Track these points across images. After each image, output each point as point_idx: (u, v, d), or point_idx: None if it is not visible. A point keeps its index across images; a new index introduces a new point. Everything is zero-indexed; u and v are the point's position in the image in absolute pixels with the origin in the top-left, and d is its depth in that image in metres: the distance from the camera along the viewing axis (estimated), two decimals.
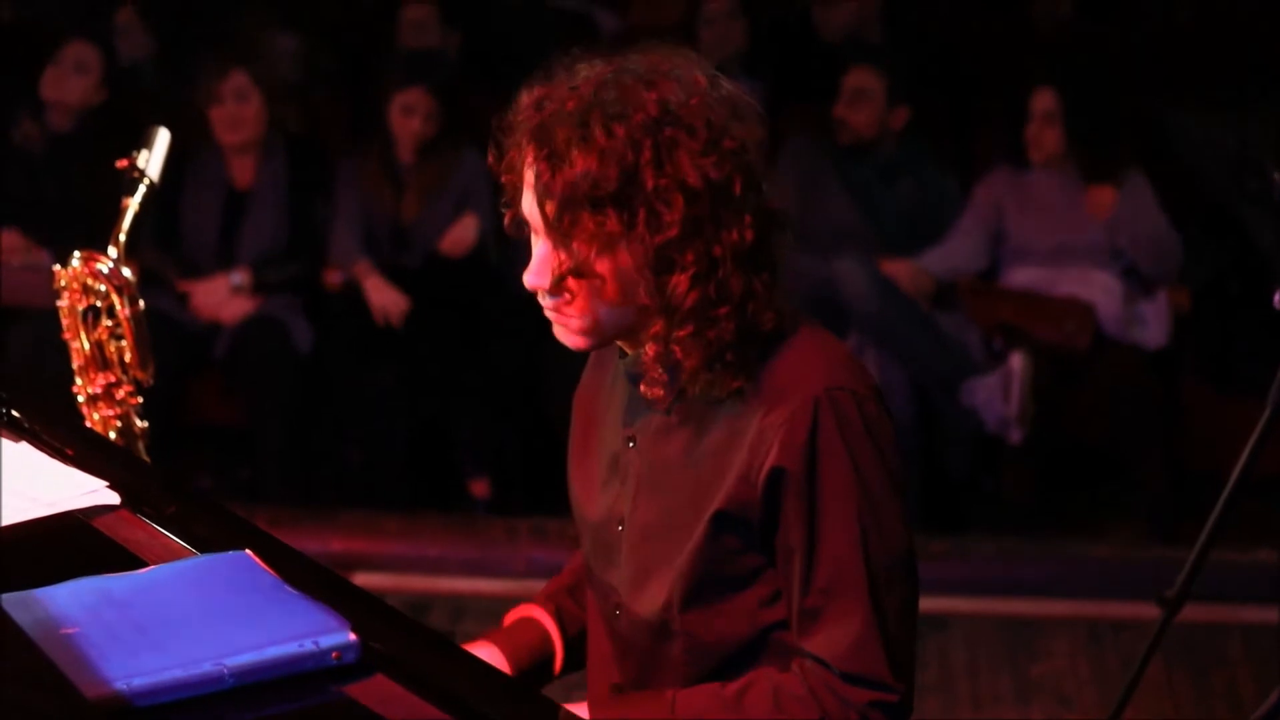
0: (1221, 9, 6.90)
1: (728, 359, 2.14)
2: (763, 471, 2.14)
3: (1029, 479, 5.77)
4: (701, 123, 2.09)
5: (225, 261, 6.02)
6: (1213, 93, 6.44)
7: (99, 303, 2.93)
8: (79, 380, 2.96)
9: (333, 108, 6.94)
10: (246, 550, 2.08)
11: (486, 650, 2.47)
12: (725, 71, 2.22)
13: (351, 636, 1.90)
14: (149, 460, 2.93)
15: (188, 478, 5.65)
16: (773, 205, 2.16)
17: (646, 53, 2.16)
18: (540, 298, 2.20)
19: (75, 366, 2.96)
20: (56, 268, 2.95)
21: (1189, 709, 4.68)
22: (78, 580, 2.01)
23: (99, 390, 2.95)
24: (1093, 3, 6.93)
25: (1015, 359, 5.63)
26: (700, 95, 2.11)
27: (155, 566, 2.10)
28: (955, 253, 5.94)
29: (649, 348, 2.17)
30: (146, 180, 2.94)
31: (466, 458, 5.84)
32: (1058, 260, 5.85)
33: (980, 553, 5.47)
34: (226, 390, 6.00)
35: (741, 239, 2.11)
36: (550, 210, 2.10)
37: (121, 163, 2.94)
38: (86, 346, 2.94)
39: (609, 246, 2.10)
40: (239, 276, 5.96)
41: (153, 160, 2.95)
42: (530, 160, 2.13)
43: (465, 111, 5.89)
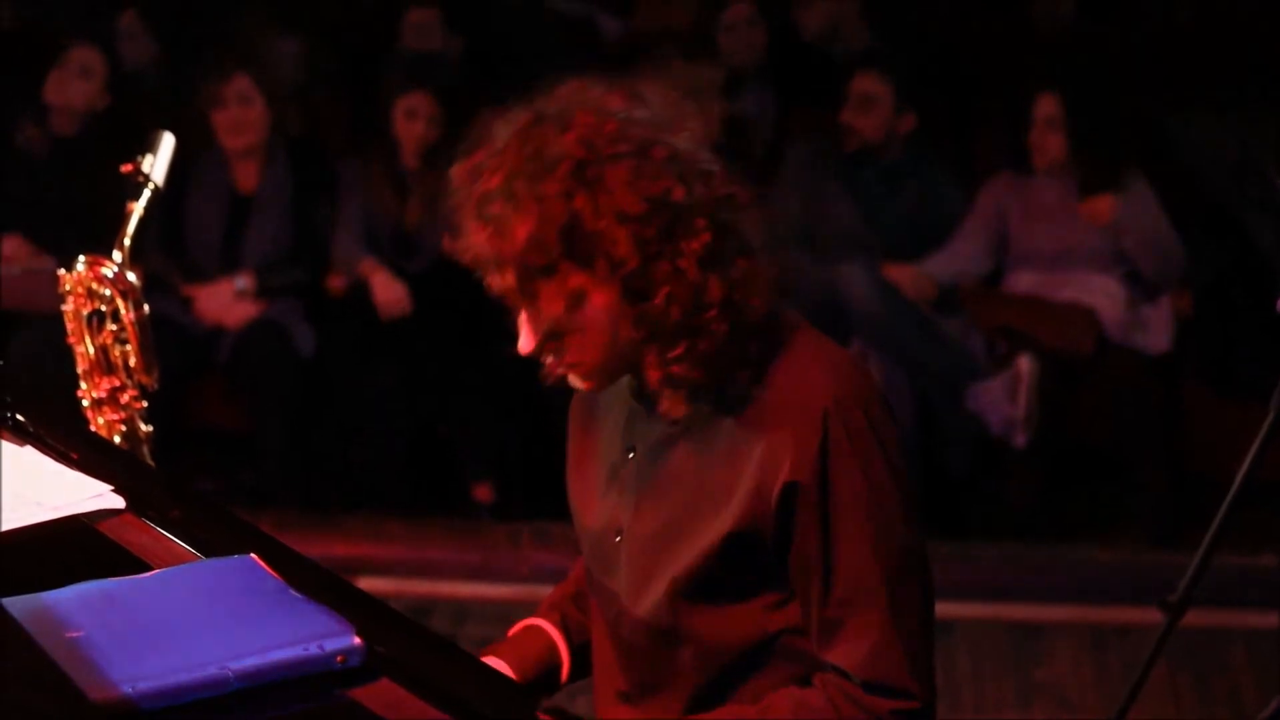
0: (1222, 11, 6.90)
1: (730, 355, 2.14)
2: (775, 488, 2.14)
3: (1032, 483, 5.77)
4: (624, 147, 2.09)
5: (229, 266, 6.02)
6: (1214, 95, 6.44)
7: (104, 307, 2.93)
8: (84, 384, 2.96)
9: (336, 112, 6.94)
10: (251, 554, 2.08)
11: (492, 663, 2.45)
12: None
13: (356, 640, 1.90)
14: (153, 464, 2.93)
15: (192, 482, 5.65)
16: (724, 190, 2.14)
17: (561, 89, 2.16)
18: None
19: (80, 371, 2.96)
20: (61, 272, 2.95)
21: (1192, 714, 4.67)
22: (82, 584, 2.00)
23: (104, 394, 2.95)
24: (1093, 5, 6.93)
25: (1023, 361, 5.63)
26: (616, 119, 2.10)
27: (160, 570, 2.10)
28: (958, 257, 5.95)
29: (650, 375, 2.18)
30: (151, 184, 2.94)
31: (469, 462, 5.83)
32: (1060, 265, 5.85)
33: (983, 557, 5.48)
34: (230, 394, 6.00)
35: (702, 242, 2.10)
36: (511, 282, 2.13)
37: (126, 167, 2.94)
38: (91, 351, 2.94)
39: (578, 299, 2.12)
40: (243, 281, 5.97)
41: (157, 164, 2.95)
42: (478, 238, 2.14)
43: (469, 115, 5.89)
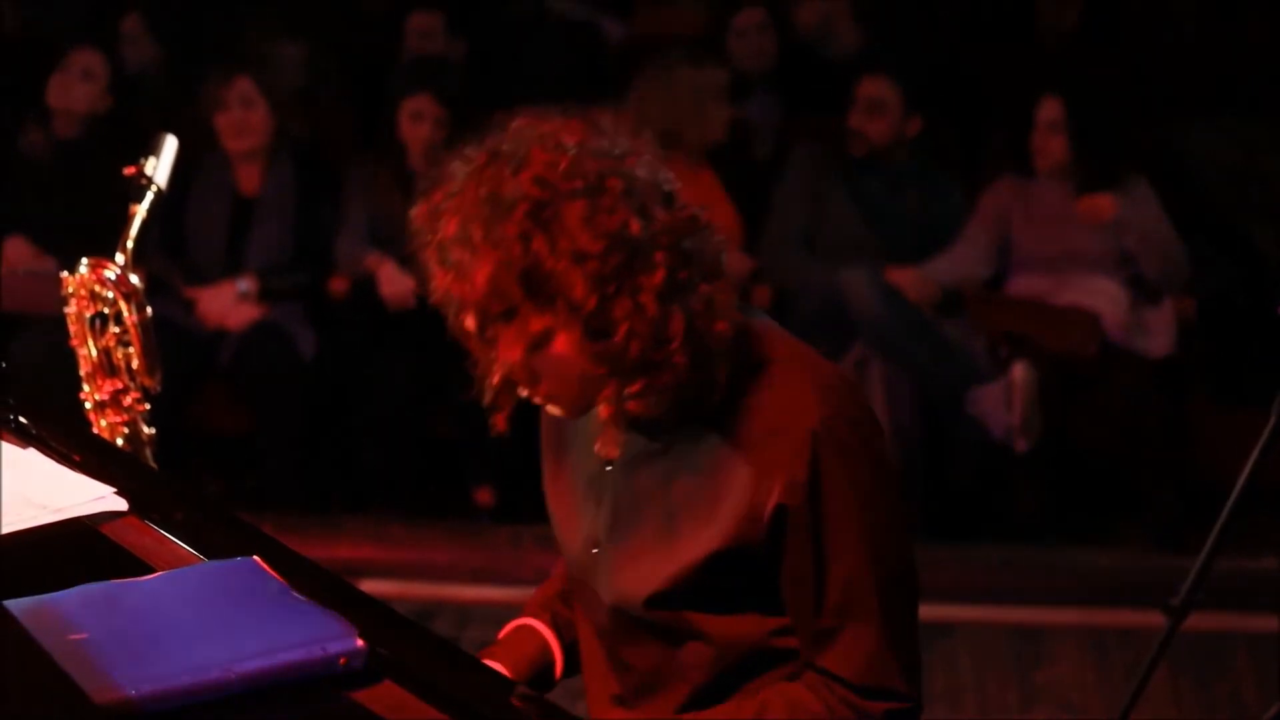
0: (1226, 19, 6.91)
1: (695, 383, 2.14)
2: (767, 511, 2.15)
3: (1034, 487, 5.77)
4: (580, 182, 2.06)
5: (232, 269, 6.03)
6: (1216, 101, 6.45)
7: (106, 310, 2.92)
8: (86, 387, 2.96)
9: (339, 115, 6.94)
10: (254, 556, 2.08)
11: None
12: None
13: (359, 643, 1.90)
14: (156, 466, 2.93)
15: (194, 484, 5.65)
16: (685, 214, 2.13)
17: (516, 123, 2.14)
18: None
19: (83, 373, 2.96)
20: (64, 274, 2.94)
21: (1193, 717, 4.68)
22: (85, 586, 2.01)
23: (106, 397, 2.95)
24: (1097, 13, 6.93)
25: (1017, 369, 5.63)
26: (569, 154, 2.08)
27: (163, 573, 2.10)
28: (961, 261, 5.94)
29: (601, 409, 2.17)
30: (154, 187, 2.94)
31: (470, 465, 5.84)
32: (1063, 269, 5.85)
33: (985, 560, 5.48)
34: (232, 397, 6.00)
35: (661, 275, 2.08)
36: (473, 327, 2.13)
37: (129, 170, 2.94)
38: (94, 353, 2.94)
39: (540, 341, 2.10)
40: (245, 283, 5.97)
41: (160, 167, 2.95)
42: (441, 283, 2.13)
43: (473, 117, 5.89)
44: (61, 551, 2.23)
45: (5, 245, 6.08)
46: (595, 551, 2.31)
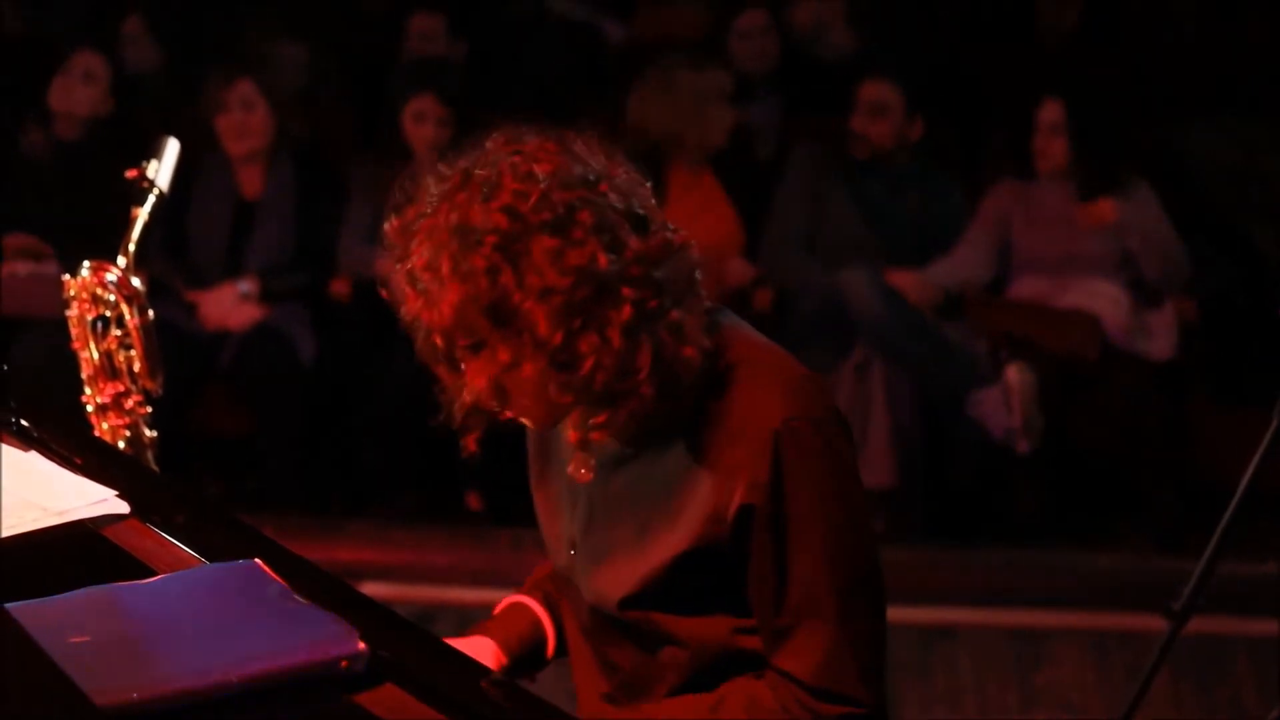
0: (1226, 19, 6.91)
1: (662, 410, 2.15)
2: (731, 511, 2.17)
3: (1035, 490, 5.77)
4: (549, 214, 2.06)
5: (233, 271, 6.03)
6: (1217, 102, 6.45)
7: (108, 312, 2.93)
8: (88, 390, 2.96)
9: (340, 116, 6.94)
10: (255, 559, 2.08)
11: (480, 641, 2.50)
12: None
13: (360, 645, 1.90)
14: (157, 469, 2.93)
15: (196, 487, 5.65)
16: (657, 240, 2.13)
17: (492, 140, 2.14)
18: None
19: (84, 376, 2.96)
20: (66, 277, 2.95)
21: None
22: (87, 589, 2.01)
23: (108, 400, 2.95)
24: (1098, 15, 6.93)
25: (1011, 372, 5.62)
26: (540, 186, 2.07)
27: (164, 575, 2.10)
28: (962, 264, 5.94)
29: (570, 434, 2.20)
30: (155, 190, 2.94)
31: (471, 469, 5.84)
32: (1064, 271, 5.85)
33: (986, 562, 5.48)
34: (233, 400, 6.00)
35: (629, 310, 2.09)
36: (441, 352, 2.15)
37: (131, 172, 2.95)
38: (95, 356, 2.94)
39: (506, 369, 2.12)
40: (247, 285, 5.97)
41: (162, 170, 2.95)
42: (412, 306, 2.13)
43: (476, 116, 5.88)
44: (63, 554, 2.23)
45: (6, 246, 6.07)
46: (573, 553, 2.34)
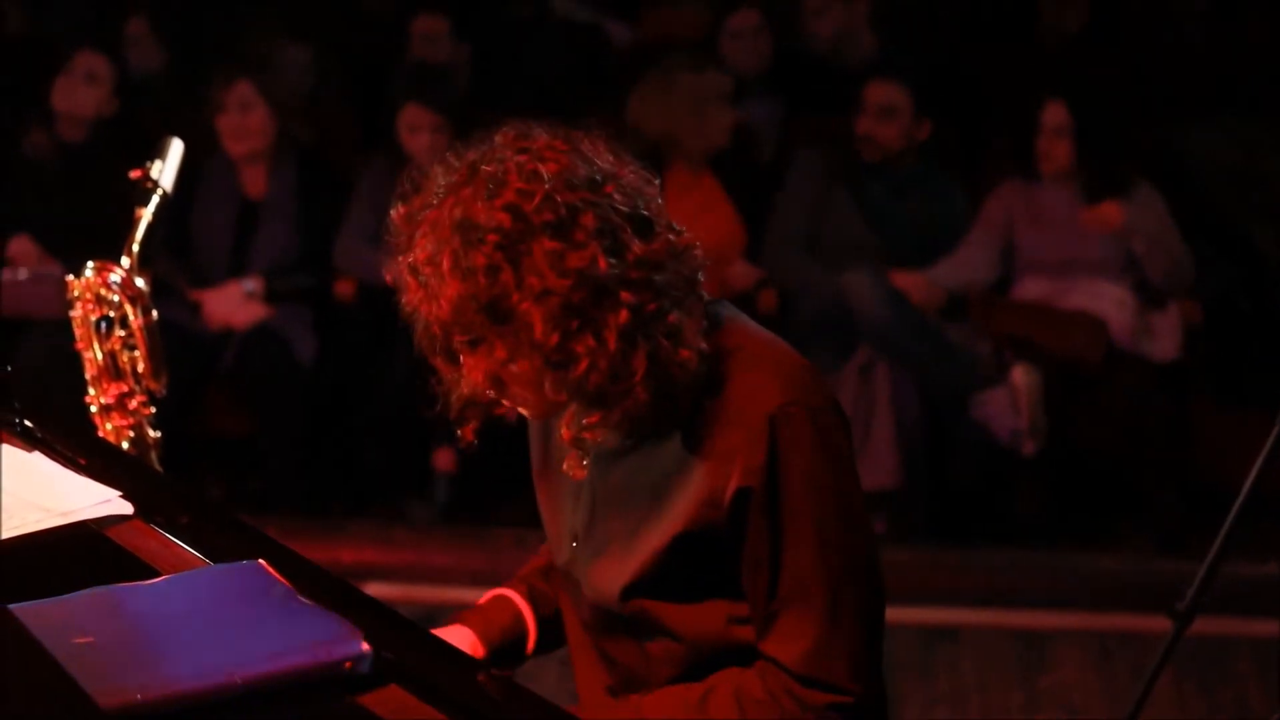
0: (1230, 23, 6.90)
1: (658, 411, 2.17)
2: (727, 494, 2.18)
3: (1039, 491, 5.77)
4: (551, 215, 2.08)
5: (237, 271, 6.03)
6: (1218, 103, 6.44)
7: (112, 313, 2.93)
8: (92, 390, 2.96)
9: (343, 117, 6.94)
10: (259, 560, 2.08)
11: (460, 631, 2.51)
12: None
13: (364, 646, 1.90)
14: (161, 470, 2.93)
15: (199, 488, 5.66)
16: (660, 243, 2.14)
17: (500, 135, 2.15)
18: None
19: (88, 377, 2.96)
20: (70, 278, 2.95)
21: None
22: (91, 590, 2.01)
23: (112, 400, 2.95)
24: (1101, 16, 6.93)
25: (1017, 373, 5.62)
26: (545, 187, 2.08)
27: (168, 576, 2.10)
28: (965, 265, 5.94)
29: (563, 431, 2.22)
30: (159, 190, 2.94)
31: (436, 427, 5.82)
32: (1068, 273, 5.84)
33: (990, 564, 5.47)
34: (235, 401, 6.01)
35: (626, 315, 2.10)
36: (440, 345, 2.17)
37: (135, 173, 2.95)
38: (99, 357, 2.94)
39: (502, 365, 2.14)
40: (251, 283, 5.97)
41: (166, 170, 2.96)
42: (413, 298, 2.15)
43: (475, 121, 5.88)
44: (67, 555, 2.23)
45: (10, 246, 6.08)
46: (574, 545, 2.35)
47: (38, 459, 2.47)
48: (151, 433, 2.98)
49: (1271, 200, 6.21)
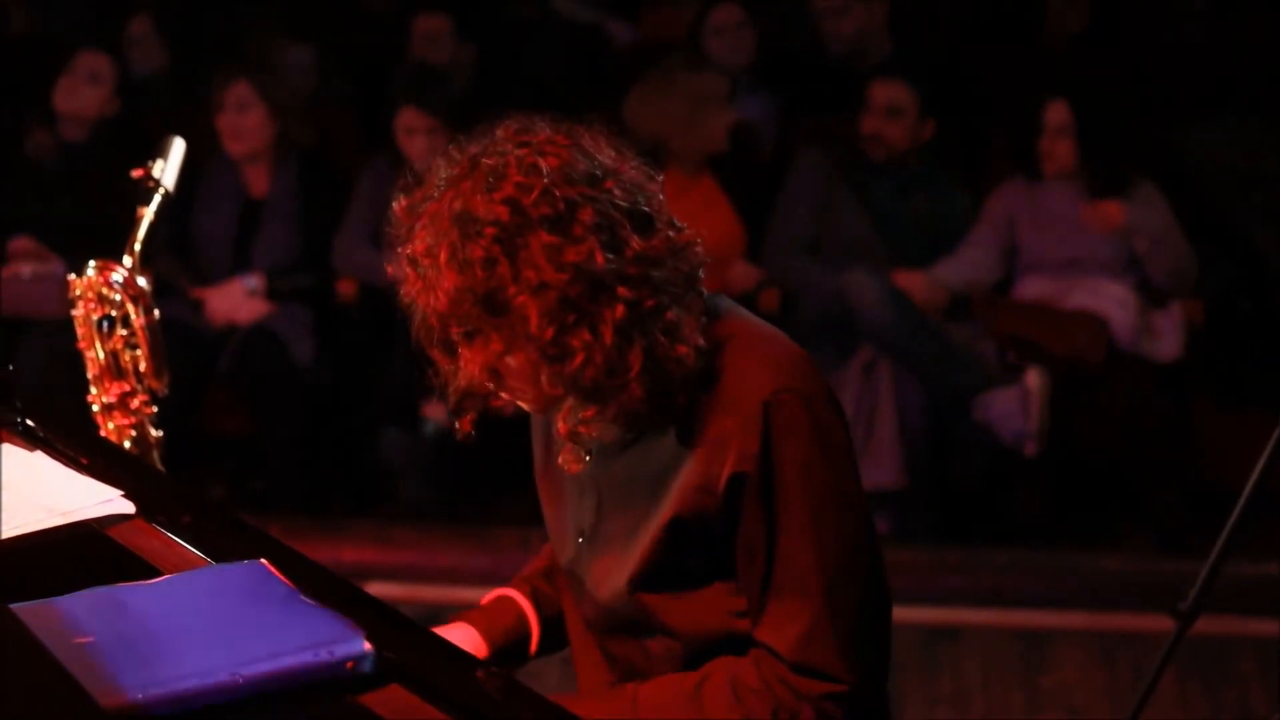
0: (1230, 23, 6.90)
1: (654, 406, 2.17)
2: (721, 480, 2.18)
3: (1041, 491, 5.76)
4: (550, 210, 2.09)
5: (239, 270, 6.04)
6: (1219, 104, 6.44)
7: (114, 312, 2.93)
8: (94, 389, 2.96)
9: (344, 117, 6.94)
10: (261, 560, 2.08)
11: (463, 630, 2.51)
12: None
13: (366, 646, 1.90)
14: (163, 469, 2.93)
15: (201, 487, 5.66)
16: (660, 239, 2.15)
17: (503, 128, 2.16)
18: None
19: (90, 376, 2.96)
20: (71, 277, 2.95)
21: None
22: (93, 589, 2.01)
23: (114, 399, 2.95)
24: (1104, 17, 6.92)
25: (1031, 376, 5.61)
26: (544, 181, 2.09)
27: (170, 576, 2.10)
28: (968, 265, 5.94)
29: (559, 425, 2.22)
30: (161, 190, 2.94)
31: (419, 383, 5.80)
32: (1070, 272, 5.84)
33: (992, 564, 5.47)
34: (235, 401, 6.01)
35: (623, 310, 2.11)
36: (436, 337, 2.18)
37: (137, 172, 2.95)
38: (101, 356, 2.94)
39: (498, 357, 2.15)
40: (254, 281, 5.98)
41: (168, 170, 2.96)
42: (411, 289, 2.17)
43: (477, 122, 5.88)
44: (68, 554, 2.23)
45: (12, 244, 6.08)
46: (580, 541, 2.35)
47: (39, 458, 2.47)
48: (153, 432, 2.98)
49: (1272, 200, 6.20)
